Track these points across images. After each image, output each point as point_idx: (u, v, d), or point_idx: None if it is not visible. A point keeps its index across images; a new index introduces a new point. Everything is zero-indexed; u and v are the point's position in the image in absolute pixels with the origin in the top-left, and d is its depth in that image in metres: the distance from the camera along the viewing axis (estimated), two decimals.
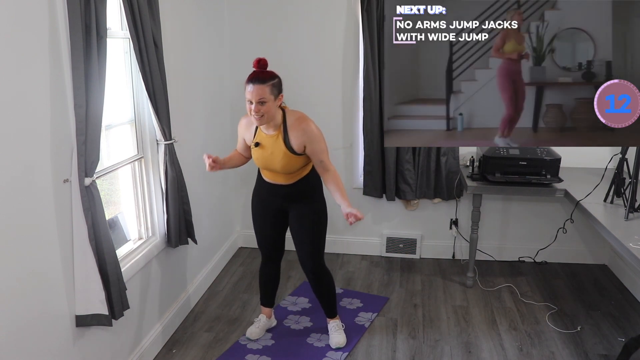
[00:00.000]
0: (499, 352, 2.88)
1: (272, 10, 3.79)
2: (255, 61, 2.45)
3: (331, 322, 2.99)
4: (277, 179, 2.67)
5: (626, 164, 2.97)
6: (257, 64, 2.45)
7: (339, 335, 2.93)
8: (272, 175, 2.68)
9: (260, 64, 2.45)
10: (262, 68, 2.45)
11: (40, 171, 1.94)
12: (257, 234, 2.89)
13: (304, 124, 2.53)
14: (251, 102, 2.40)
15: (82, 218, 2.09)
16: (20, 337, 1.88)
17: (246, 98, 2.42)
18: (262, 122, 2.47)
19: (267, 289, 3.04)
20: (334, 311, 2.99)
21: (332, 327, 2.97)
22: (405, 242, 4.06)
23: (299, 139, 2.52)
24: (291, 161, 2.57)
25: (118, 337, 2.48)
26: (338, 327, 2.97)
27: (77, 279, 2.13)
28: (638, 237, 2.46)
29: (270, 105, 2.42)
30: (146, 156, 2.79)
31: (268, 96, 2.39)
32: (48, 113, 1.96)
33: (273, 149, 2.55)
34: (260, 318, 3.05)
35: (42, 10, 1.91)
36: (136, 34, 2.40)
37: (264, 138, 2.57)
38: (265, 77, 2.41)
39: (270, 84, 2.41)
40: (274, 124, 2.53)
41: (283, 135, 2.53)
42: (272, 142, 2.55)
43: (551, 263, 3.95)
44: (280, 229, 2.86)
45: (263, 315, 3.07)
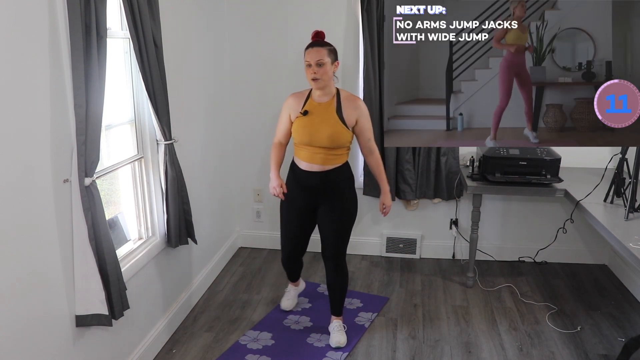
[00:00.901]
0: (499, 352, 2.88)
1: (272, 10, 3.79)
2: (314, 33, 2.65)
3: (335, 321, 3.01)
4: (314, 161, 2.68)
5: (626, 164, 2.97)
6: (316, 35, 2.65)
7: (340, 335, 2.94)
8: (310, 155, 2.68)
9: (318, 35, 2.65)
10: (320, 38, 2.65)
11: (40, 171, 1.94)
12: (283, 231, 2.95)
13: (359, 101, 2.69)
14: (310, 64, 2.57)
15: (82, 218, 2.09)
16: (20, 337, 1.88)
17: (305, 63, 2.59)
18: (320, 85, 2.60)
19: (294, 273, 3.23)
20: (341, 309, 3.03)
21: (335, 327, 2.98)
22: (405, 242, 4.06)
23: (353, 112, 2.65)
24: (339, 132, 2.63)
25: (118, 337, 2.48)
26: (340, 327, 2.98)
27: (77, 279, 2.13)
28: (638, 237, 2.46)
29: (327, 68, 2.57)
30: (146, 156, 2.79)
31: (326, 59, 2.56)
32: (48, 113, 1.96)
33: (323, 117, 2.64)
34: (289, 289, 3.27)
35: (42, 10, 1.91)
36: (136, 34, 2.40)
37: (315, 106, 2.67)
38: (324, 43, 2.61)
39: (328, 49, 2.59)
40: (328, 91, 2.65)
41: (336, 105, 2.65)
42: (323, 109, 2.65)
43: (551, 263, 3.96)
44: (307, 229, 2.93)
45: (291, 286, 3.28)
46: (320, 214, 2.82)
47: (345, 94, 2.69)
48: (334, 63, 2.61)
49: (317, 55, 2.55)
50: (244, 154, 4.07)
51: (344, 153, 2.74)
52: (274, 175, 2.74)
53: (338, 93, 2.68)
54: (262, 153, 3.95)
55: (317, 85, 2.60)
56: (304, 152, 2.71)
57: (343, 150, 2.72)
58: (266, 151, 3.03)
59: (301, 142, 2.70)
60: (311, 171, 2.71)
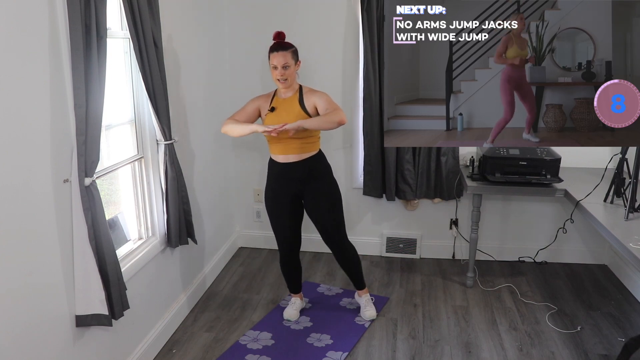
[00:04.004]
0: (499, 352, 2.88)
1: (272, 10, 3.79)
2: (275, 34, 2.81)
3: (363, 295, 3.23)
4: (289, 151, 2.83)
5: (626, 164, 2.96)
6: (277, 36, 2.81)
7: (371, 308, 3.17)
8: (284, 147, 2.83)
9: (280, 36, 2.81)
10: (281, 39, 2.81)
11: (40, 171, 1.94)
12: (276, 228, 3.04)
13: (319, 91, 2.87)
14: (276, 67, 2.76)
15: (82, 218, 2.09)
16: (20, 336, 1.88)
17: (271, 65, 2.78)
18: (286, 85, 2.80)
19: (294, 279, 3.22)
20: (363, 282, 3.22)
21: (364, 301, 3.20)
22: (405, 242, 4.06)
23: (311, 98, 2.82)
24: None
25: (118, 337, 2.48)
26: (369, 301, 3.21)
27: (77, 279, 2.13)
28: (638, 237, 2.46)
29: (292, 69, 2.78)
30: (146, 156, 2.79)
31: (290, 61, 2.76)
32: (48, 113, 1.96)
33: (289, 110, 2.82)
34: (294, 301, 3.25)
35: (42, 10, 1.91)
36: (136, 34, 2.40)
37: (280, 103, 2.86)
38: (286, 45, 2.78)
39: (291, 51, 2.78)
40: (292, 88, 2.85)
41: (299, 97, 2.84)
42: (288, 104, 2.83)
43: (551, 263, 3.95)
44: (297, 218, 3.03)
45: (295, 298, 3.26)
46: (307, 203, 2.95)
47: (306, 88, 2.88)
48: (297, 63, 2.81)
49: (282, 60, 2.74)
50: (244, 154, 4.07)
51: (315, 141, 2.89)
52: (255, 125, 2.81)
53: (300, 88, 2.86)
54: (262, 153, 3.95)
55: (283, 86, 2.81)
56: (279, 146, 2.85)
57: (314, 138, 2.87)
58: (266, 151, 3.03)
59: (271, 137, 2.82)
60: (289, 162, 2.86)
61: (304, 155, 2.85)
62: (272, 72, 2.79)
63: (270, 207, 3.00)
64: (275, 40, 2.80)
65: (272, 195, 2.98)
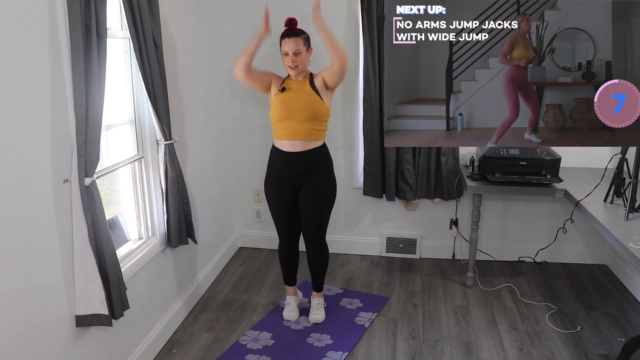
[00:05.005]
0: (499, 352, 2.88)
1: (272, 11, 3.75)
2: (287, 20, 2.78)
3: (317, 298, 3.21)
4: (296, 137, 2.80)
5: (626, 164, 2.96)
6: (289, 22, 2.78)
7: (320, 313, 3.15)
8: (291, 132, 2.80)
9: (292, 22, 2.79)
10: (293, 25, 2.78)
11: (40, 171, 1.94)
12: (275, 216, 3.07)
13: None
14: (287, 54, 2.73)
15: (82, 218, 2.09)
16: (20, 337, 1.88)
17: (282, 51, 2.75)
18: (297, 72, 2.78)
19: (290, 269, 3.21)
20: (321, 285, 3.21)
21: (316, 304, 3.18)
22: (405, 242, 4.06)
23: (319, 77, 2.81)
24: (315, 102, 2.78)
25: (118, 337, 2.48)
26: (321, 305, 3.19)
27: (77, 279, 2.13)
28: (638, 237, 2.46)
29: (303, 56, 2.76)
30: (146, 156, 2.79)
31: (302, 48, 2.73)
32: (48, 113, 1.96)
33: (300, 90, 2.80)
34: (289, 301, 3.21)
35: (42, 10, 1.91)
36: (136, 34, 2.40)
37: (291, 84, 2.83)
38: (298, 32, 2.75)
39: (303, 37, 2.75)
40: (303, 75, 2.83)
41: (310, 80, 2.83)
42: (299, 85, 2.82)
43: (551, 263, 3.95)
44: (295, 207, 3.01)
45: (290, 297, 3.23)
46: (302, 192, 2.94)
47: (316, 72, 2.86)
48: (309, 50, 2.79)
49: (294, 46, 2.71)
50: (244, 154, 4.07)
51: (324, 129, 2.87)
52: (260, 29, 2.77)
53: (311, 75, 2.85)
54: (262, 153, 3.94)
55: (294, 73, 2.79)
56: (285, 131, 2.82)
57: (322, 125, 2.85)
58: (266, 151, 3.03)
59: (280, 118, 2.80)
60: (293, 152, 2.83)
61: (309, 144, 2.82)
62: (283, 58, 2.76)
63: (270, 196, 3.02)
64: (286, 26, 2.77)
65: (273, 184, 2.97)
